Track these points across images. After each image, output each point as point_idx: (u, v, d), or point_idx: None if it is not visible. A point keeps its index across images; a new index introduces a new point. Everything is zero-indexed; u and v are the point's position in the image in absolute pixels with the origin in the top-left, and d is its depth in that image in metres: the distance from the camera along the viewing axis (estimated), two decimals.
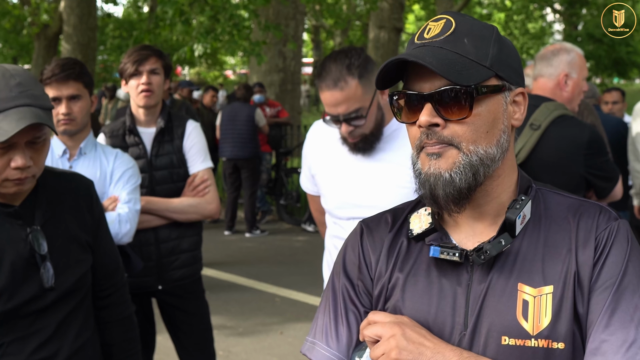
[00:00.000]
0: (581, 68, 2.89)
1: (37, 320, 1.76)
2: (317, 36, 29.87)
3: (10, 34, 17.71)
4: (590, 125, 2.80)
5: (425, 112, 1.13)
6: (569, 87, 2.87)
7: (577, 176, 2.71)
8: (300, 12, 11.30)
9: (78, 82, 2.52)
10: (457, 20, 1.16)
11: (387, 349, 1.13)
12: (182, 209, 2.95)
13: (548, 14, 29.93)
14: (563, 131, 2.71)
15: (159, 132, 2.96)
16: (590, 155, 2.70)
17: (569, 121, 2.74)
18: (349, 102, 2.16)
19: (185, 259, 3.00)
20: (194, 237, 3.05)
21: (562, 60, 2.86)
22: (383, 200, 2.22)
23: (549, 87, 2.86)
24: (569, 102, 2.88)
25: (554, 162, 2.70)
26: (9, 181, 1.70)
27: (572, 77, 2.87)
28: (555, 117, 2.72)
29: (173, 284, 2.99)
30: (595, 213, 1.19)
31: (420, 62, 1.10)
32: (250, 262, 7.28)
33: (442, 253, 1.18)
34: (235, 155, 8.30)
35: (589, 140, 2.69)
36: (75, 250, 1.85)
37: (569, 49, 2.92)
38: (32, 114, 1.64)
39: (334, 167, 2.40)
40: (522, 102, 1.22)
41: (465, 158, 1.13)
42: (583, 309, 1.13)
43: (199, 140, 3.02)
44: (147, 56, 2.88)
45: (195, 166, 3.00)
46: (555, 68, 2.87)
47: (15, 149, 1.67)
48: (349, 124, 2.20)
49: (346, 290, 1.30)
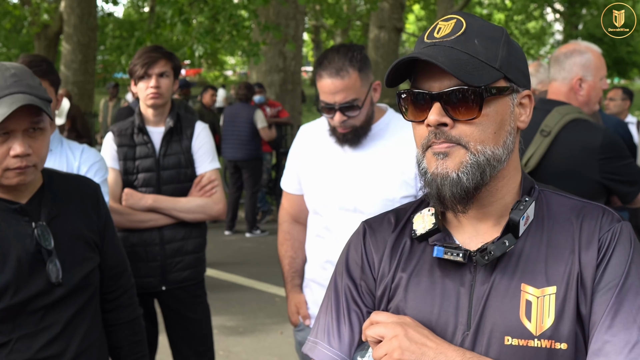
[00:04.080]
0: (597, 68, 2.73)
1: (45, 317, 1.77)
2: (317, 36, 29.89)
3: (10, 34, 17.71)
4: (605, 128, 2.63)
5: (434, 112, 1.13)
6: (583, 91, 2.72)
7: (593, 183, 2.56)
8: (300, 12, 11.29)
9: (45, 80, 2.46)
10: (468, 20, 1.17)
11: (390, 349, 1.13)
12: (190, 208, 2.96)
13: (548, 14, 29.95)
14: (574, 136, 2.58)
15: (168, 131, 2.96)
16: (605, 160, 2.54)
17: (582, 125, 2.60)
18: (347, 91, 2.25)
19: (189, 260, 3.00)
20: (198, 238, 3.05)
21: (575, 62, 2.72)
22: (368, 197, 2.29)
23: (562, 91, 2.74)
24: (585, 105, 2.73)
25: (566, 169, 2.56)
26: (10, 171, 1.71)
27: (586, 80, 2.71)
28: (567, 121, 2.59)
29: (176, 286, 2.99)
30: (598, 215, 1.19)
31: (433, 62, 1.10)
32: (250, 262, 7.28)
33: (446, 253, 1.18)
34: (235, 156, 8.31)
35: (602, 144, 2.54)
36: (81, 247, 1.86)
37: (582, 50, 2.76)
38: (26, 98, 1.66)
39: (321, 166, 2.45)
40: (528, 105, 1.22)
41: (472, 157, 1.14)
42: (586, 309, 1.13)
43: (207, 141, 3.03)
44: (156, 59, 2.89)
45: (202, 166, 3.01)
46: (568, 72, 2.73)
47: (14, 138, 1.69)
48: (343, 113, 2.27)
49: (349, 290, 1.30)
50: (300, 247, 2.65)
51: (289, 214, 2.67)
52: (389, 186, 2.30)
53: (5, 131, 1.68)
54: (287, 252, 2.67)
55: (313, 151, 2.50)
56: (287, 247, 2.67)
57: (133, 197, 2.90)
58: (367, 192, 2.31)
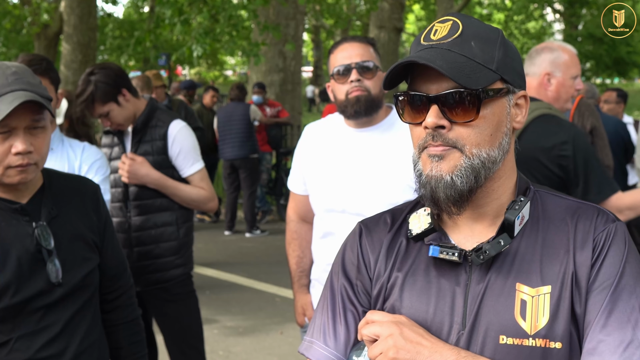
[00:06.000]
0: (568, 67, 2.79)
1: (45, 317, 1.78)
2: (317, 36, 29.90)
3: (10, 34, 17.71)
4: (571, 126, 2.66)
5: (431, 114, 1.14)
6: (552, 87, 2.78)
7: (553, 177, 2.55)
8: (300, 12, 11.30)
9: (45, 78, 2.48)
10: (464, 22, 1.17)
11: (385, 348, 1.14)
12: (185, 198, 3.01)
13: (548, 14, 29.92)
14: (541, 128, 2.61)
15: (135, 132, 2.97)
16: (563, 157, 2.54)
17: (549, 120, 2.64)
18: (364, 54, 2.35)
19: (160, 264, 3.02)
20: (170, 242, 3.04)
21: (545, 59, 2.79)
22: (372, 201, 2.28)
23: (532, 86, 2.80)
24: (555, 101, 2.79)
25: (530, 161, 2.56)
26: (12, 169, 1.72)
27: (555, 76, 2.78)
28: (536, 116, 2.63)
29: (152, 287, 3.03)
30: (593, 215, 1.20)
31: (431, 65, 1.11)
32: (250, 262, 7.28)
33: (442, 253, 1.19)
34: (233, 155, 8.30)
35: (566, 141, 2.54)
36: (81, 248, 1.87)
37: (553, 47, 2.83)
38: (28, 95, 1.67)
39: (326, 168, 2.44)
40: (524, 105, 1.23)
41: (467, 161, 1.14)
42: (580, 309, 1.14)
43: (185, 144, 2.98)
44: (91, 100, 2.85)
45: (185, 170, 3.00)
46: (537, 67, 2.80)
47: (15, 135, 1.70)
48: (359, 73, 2.32)
49: (345, 289, 1.31)
50: (307, 246, 2.65)
51: (296, 213, 2.67)
52: (393, 190, 2.29)
53: (6, 129, 1.69)
54: (295, 252, 2.67)
55: (317, 152, 2.50)
56: (294, 247, 2.67)
57: (142, 166, 2.91)
58: (371, 196, 2.30)
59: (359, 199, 2.33)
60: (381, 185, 2.31)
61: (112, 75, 2.85)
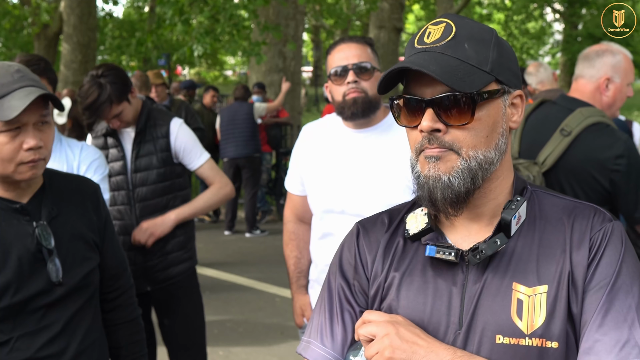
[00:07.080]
0: (626, 72, 2.67)
1: (45, 316, 1.78)
2: (317, 36, 29.88)
3: (10, 34, 17.71)
4: (626, 138, 2.51)
5: (427, 117, 1.14)
6: (609, 92, 2.65)
7: (602, 190, 2.46)
8: (300, 12, 11.30)
9: (43, 78, 2.50)
10: (457, 24, 1.17)
11: (381, 348, 1.14)
12: (207, 207, 3.09)
13: (548, 13, 29.91)
14: (595, 140, 2.48)
15: (138, 133, 2.98)
16: (616, 171, 2.44)
17: (604, 130, 2.50)
18: (362, 55, 2.35)
19: (171, 259, 3.04)
20: (179, 237, 3.07)
21: (606, 62, 2.64)
22: (370, 202, 2.27)
23: (588, 90, 2.66)
24: (608, 108, 2.67)
25: (580, 172, 2.48)
26: (24, 165, 1.74)
27: (614, 82, 2.65)
28: (589, 124, 2.50)
29: (163, 284, 3.04)
30: (590, 214, 1.20)
31: (424, 71, 1.11)
32: (250, 262, 7.28)
33: (438, 252, 1.19)
34: (237, 154, 8.28)
35: (620, 155, 2.43)
36: (81, 247, 1.88)
37: (615, 51, 2.68)
38: (39, 91, 1.70)
39: (324, 169, 2.44)
40: (520, 104, 1.23)
41: (464, 163, 1.15)
42: (577, 308, 1.14)
43: (188, 138, 3.04)
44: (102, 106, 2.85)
45: (194, 163, 3.04)
46: (597, 70, 2.65)
47: (26, 131, 1.73)
48: (357, 74, 2.32)
49: (342, 290, 1.31)
50: (305, 247, 2.64)
51: (294, 214, 2.67)
52: (392, 191, 2.29)
53: (18, 124, 1.71)
54: (292, 252, 2.67)
55: (316, 152, 2.49)
56: (292, 247, 2.67)
57: (156, 226, 2.93)
58: (370, 197, 2.30)
59: (358, 200, 2.32)
60: (381, 186, 2.31)
61: (121, 75, 2.87)
